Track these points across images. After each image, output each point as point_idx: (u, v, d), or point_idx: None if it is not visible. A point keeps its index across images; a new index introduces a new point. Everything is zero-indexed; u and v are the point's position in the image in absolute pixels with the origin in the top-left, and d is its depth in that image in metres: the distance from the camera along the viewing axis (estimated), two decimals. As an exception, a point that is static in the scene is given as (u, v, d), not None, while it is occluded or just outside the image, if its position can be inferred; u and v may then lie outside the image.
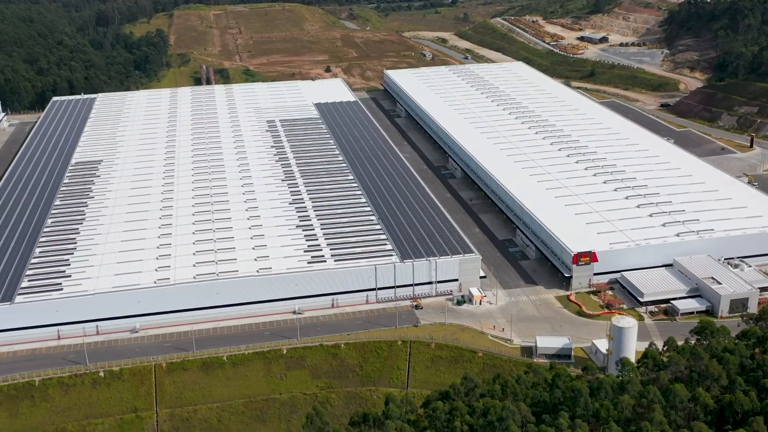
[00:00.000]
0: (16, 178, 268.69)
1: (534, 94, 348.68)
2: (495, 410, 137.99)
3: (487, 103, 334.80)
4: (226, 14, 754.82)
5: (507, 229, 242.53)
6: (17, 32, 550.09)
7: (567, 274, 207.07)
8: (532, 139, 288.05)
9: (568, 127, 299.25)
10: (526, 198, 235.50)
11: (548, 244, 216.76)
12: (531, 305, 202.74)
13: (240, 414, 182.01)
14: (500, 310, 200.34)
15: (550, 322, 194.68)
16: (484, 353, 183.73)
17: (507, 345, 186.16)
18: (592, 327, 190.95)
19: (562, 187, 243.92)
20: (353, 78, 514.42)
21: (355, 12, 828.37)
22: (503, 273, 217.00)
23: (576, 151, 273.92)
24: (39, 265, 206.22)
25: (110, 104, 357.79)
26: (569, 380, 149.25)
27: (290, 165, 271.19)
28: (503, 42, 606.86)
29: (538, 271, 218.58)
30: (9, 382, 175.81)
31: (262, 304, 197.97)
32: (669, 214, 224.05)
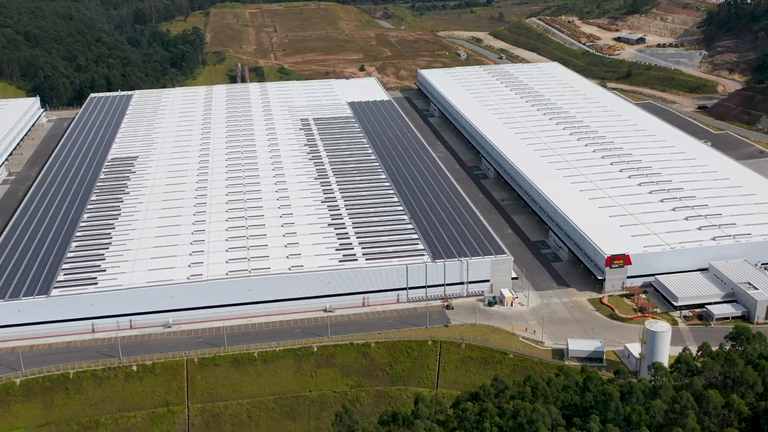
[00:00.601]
0: (53, 174, 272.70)
1: (569, 95, 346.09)
2: (525, 412, 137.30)
3: (522, 104, 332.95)
4: (261, 13, 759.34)
5: (540, 231, 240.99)
6: (57, 30, 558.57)
7: (600, 276, 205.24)
8: (567, 140, 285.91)
9: (603, 129, 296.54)
10: (559, 199, 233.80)
11: (581, 246, 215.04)
12: (563, 307, 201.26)
13: (270, 410, 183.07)
14: (532, 311, 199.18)
15: (582, 324, 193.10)
16: (514, 355, 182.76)
17: (538, 347, 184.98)
18: (624, 330, 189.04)
19: (596, 189, 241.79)
20: (387, 77, 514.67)
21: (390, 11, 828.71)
22: (535, 274, 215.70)
23: (611, 152, 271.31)
24: (75, 260, 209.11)
25: (146, 101, 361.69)
26: (601, 384, 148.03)
27: (323, 163, 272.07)
28: (538, 42, 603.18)
29: (571, 273, 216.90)
30: (44, 374, 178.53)
31: (293, 302, 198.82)
32: (705, 217, 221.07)
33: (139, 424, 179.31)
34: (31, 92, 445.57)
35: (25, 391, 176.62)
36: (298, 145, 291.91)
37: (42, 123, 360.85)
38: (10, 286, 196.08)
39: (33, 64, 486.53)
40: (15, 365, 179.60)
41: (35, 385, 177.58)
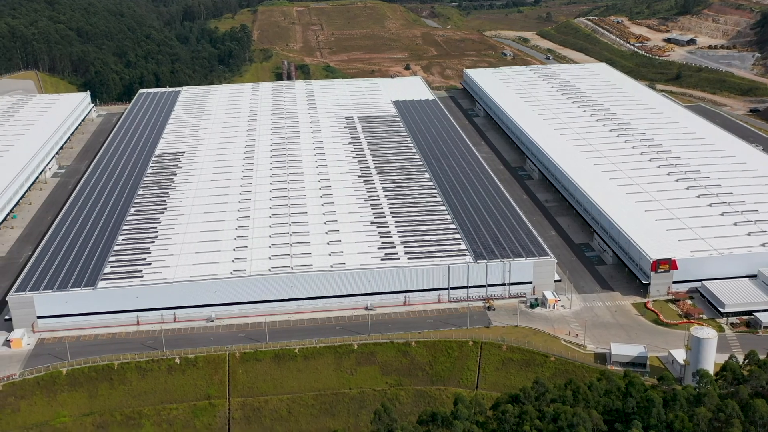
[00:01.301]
0: (102, 168, 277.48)
1: (616, 96, 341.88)
2: (566, 416, 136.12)
3: (568, 105, 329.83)
4: (308, 11, 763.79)
5: (584, 233, 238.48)
6: (108, 26, 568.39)
7: (645, 281, 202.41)
8: (613, 142, 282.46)
9: (651, 131, 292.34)
10: (604, 202, 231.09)
11: (626, 250, 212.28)
12: (606, 311, 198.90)
13: (310, 407, 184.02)
14: (574, 314, 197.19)
15: (625, 329, 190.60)
16: (556, 358, 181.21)
17: (580, 351, 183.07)
18: (669, 336, 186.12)
19: (643, 192, 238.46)
20: (432, 76, 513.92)
21: (436, 10, 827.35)
22: (579, 277, 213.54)
23: (658, 155, 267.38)
24: (121, 253, 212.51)
25: (194, 97, 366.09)
26: (643, 389, 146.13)
27: (367, 162, 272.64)
28: (586, 42, 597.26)
29: (615, 276, 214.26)
30: (90, 364, 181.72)
31: (334, 299, 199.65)
32: (755, 223, 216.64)
33: (180, 417, 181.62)
34: (82, 87, 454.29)
35: (71, 381, 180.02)
36: (343, 143, 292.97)
37: (92, 118, 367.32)
38: (58, 278, 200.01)
39: (84, 59, 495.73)
40: (62, 355, 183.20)
41: (81, 375, 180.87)
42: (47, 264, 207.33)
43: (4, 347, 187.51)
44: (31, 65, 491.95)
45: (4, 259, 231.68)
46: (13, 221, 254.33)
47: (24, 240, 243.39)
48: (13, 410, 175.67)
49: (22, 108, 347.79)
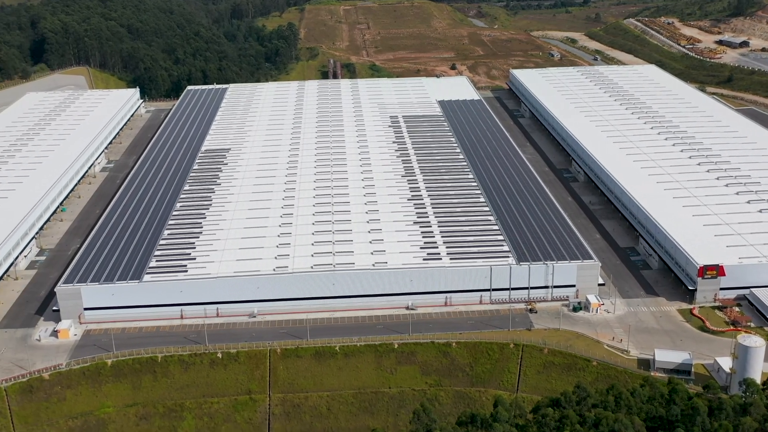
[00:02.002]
0: (149, 163, 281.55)
1: (665, 98, 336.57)
2: (607, 422, 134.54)
3: (616, 107, 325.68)
4: (355, 10, 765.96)
5: (629, 237, 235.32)
6: (158, 23, 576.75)
7: (691, 287, 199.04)
8: (662, 145, 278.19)
9: (701, 135, 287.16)
10: (651, 205, 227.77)
11: (672, 255, 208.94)
12: (651, 317, 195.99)
13: (349, 404, 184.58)
14: (618, 319, 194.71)
15: (670, 335, 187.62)
16: (598, 362, 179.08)
17: (623, 356, 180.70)
18: (715, 344, 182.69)
19: (691, 197, 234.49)
20: (478, 76, 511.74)
21: (483, 10, 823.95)
22: (623, 282, 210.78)
23: (707, 159, 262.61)
24: (167, 247, 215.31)
25: (240, 95, 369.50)
26: (687, 397, 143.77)
27: (411, 161, 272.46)
28: (635, 44, 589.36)
29: (661, 282, 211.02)
30: (134, 357, 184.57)
31: (376, 298, 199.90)
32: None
33: (221, 410, 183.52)
34: (131, 83, 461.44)
35: (116, 372, 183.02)
36: (387, 142, 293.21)
37: (140, 113, 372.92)
38: (105, 270, 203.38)
39: (134, 56, 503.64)
40: (107, 346, 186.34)
41: (125, 366, 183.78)
42: (95, 257, 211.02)
43: (51, 337, 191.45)
44: (83, 61, 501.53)
45: (54, 251, 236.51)
46: (62, 214, 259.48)
47: (73, 233, 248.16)
48: (59, 399, 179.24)
49: (74, 103, 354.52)
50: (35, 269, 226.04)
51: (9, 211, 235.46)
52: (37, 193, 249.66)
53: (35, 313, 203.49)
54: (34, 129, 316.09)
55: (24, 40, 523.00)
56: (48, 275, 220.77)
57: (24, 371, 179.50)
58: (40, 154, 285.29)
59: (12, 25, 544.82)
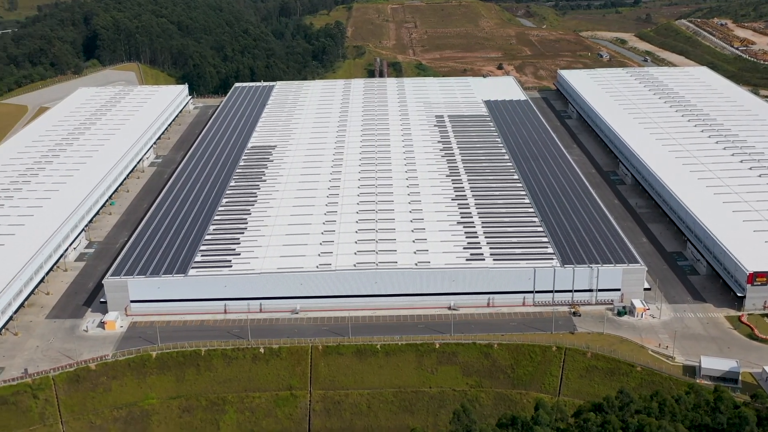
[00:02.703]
0: (196, 159, 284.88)
1: (717, 101, 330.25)
2: (651, 428, 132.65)
3: (665, 109, 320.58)
4: (403, 8, 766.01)
5: (677, 241, 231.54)
6: (207, 20, 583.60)
7: (740, 293, 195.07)
8: (712, 148, 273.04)
9: (753, 139, 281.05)
10: (700, 210, 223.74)
11: (721, 261, 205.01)
12: (697, 323, 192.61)
13: (389, 403, 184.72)
14: (663, 325, 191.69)
15: (717, 342, 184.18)
16: (642, 368, 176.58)
17: (668, 362, 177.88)
18: (764, 352, 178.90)
19: (741, 201, 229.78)
20: (525, 76, 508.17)
21: (532, 9, 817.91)
22: (669, 287, 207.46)
23: (759, 164, 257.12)
24: (212, 242, 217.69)
25: (287, 92, 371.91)
26: (734, 406, 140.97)
27: (455, 161, 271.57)
28: (687, 45, 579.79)
29: (708, 287, 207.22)
30: (178, 350, 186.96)
31: (418, 297, 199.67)
32: None
33: (263, 405, 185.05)
34: (180, 80, 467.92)
35: (160, 364, 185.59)
36: (432, 142, 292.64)
37: (189, 110, 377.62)
38: (151, 264, 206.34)
39: (183, 53, 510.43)
40: (152, 339, 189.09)
41: (169, 359, 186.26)
42: (141, 250, 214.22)
43: (98, 328, 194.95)
44: (134, 57, 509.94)
45: (102, 244, 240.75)
46: (111, 207, 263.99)
47: (121, 226, 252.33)
48: (105, 389, 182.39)
49: (124, 99, 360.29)
50: (84, 261, 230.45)
51: (60, 203, 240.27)
52: (87, 186, 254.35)
53: (83, 304, 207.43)
54: (86, 124, 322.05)
55: (77, 36, 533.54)
56: (96, 267, 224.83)
57: (71, 361, 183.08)
58: (91, 149, 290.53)
59: (66, 22, 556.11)
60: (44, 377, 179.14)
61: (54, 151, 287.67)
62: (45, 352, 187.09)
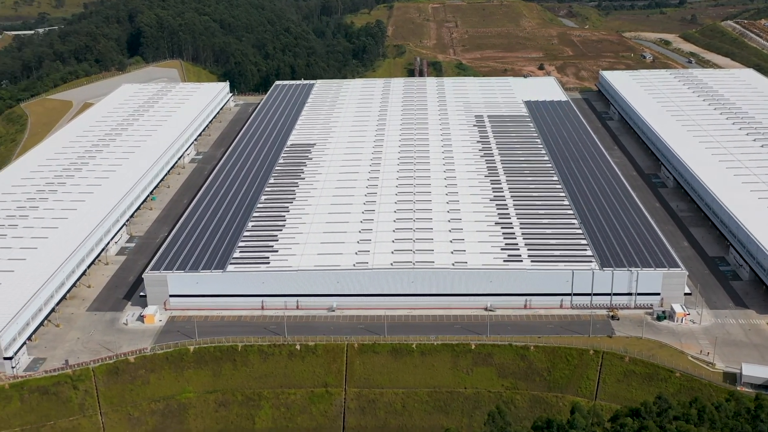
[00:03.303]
0: (236, 156, 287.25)
1: (763, 104, 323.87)
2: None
3: (709, 111, 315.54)
4: (444, 8, 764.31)
5: (719, 246, 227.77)
6: (249, 19, 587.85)
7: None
8: (757, 152, 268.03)
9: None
10: (743, 214, 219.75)
11: (765, 266, 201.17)
12: (739, 329, 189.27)
13: (424, 403, 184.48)
14: (704, 330, 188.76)
15: (759, 349, 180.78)
16: (681, 374, 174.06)
17: (708, 368, 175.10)
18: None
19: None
20: (567, 77, 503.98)
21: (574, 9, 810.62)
22: (711, 292, 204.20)
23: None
24: (250, 238, 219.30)
25: (327, 91, 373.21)
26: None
27: (494, 161, 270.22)
28: (733, 47, 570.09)
29: (751, 293, 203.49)
30: (215, 344, 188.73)
31: (454, 297, 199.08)
32: None
33: (298, 401, 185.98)
34: (222, 77, 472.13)
35: (197, 359, 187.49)
36: (471, 142, 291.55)
37: (230, 107, 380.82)
38: (190, 259, 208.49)
39: (225, 50, 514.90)
40: (190, 333, 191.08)
41: (206, 353, 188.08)
42: (181, 245, 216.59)
43: (138, 322, 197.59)
44: (176, 55, 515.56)
45: (143, 238, 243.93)
46: (152, 203, 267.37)
47: (161, 221, 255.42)
48: (143, 382, 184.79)
49: (166, 95, 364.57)
50: (125, 255, 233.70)
51: (102, 198, 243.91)
52: (129, 181, 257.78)
53: (123, 297, 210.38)
54: (128, 120, 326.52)
55: (122, 33, 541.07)
56: (136, 261, 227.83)
57: (111, 353, 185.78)
58: (133, 144, 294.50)
59: (111, 19, 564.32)
60: (84, 369, 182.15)
61: (97, 147, 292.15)
62: (85, 344, 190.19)
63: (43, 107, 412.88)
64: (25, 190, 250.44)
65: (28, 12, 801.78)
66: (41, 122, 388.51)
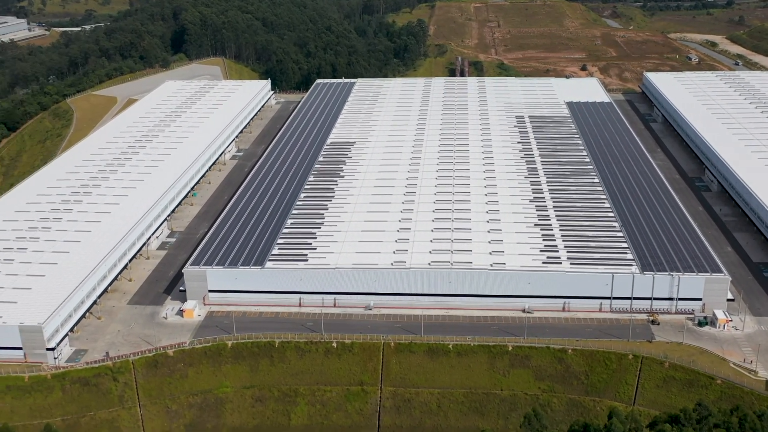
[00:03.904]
0: (277, 153, 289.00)
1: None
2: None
3: (756, 115, 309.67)
4: (486, 7, 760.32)
5: (764, 252, 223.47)
6: (291, 17, 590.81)
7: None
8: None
9: None
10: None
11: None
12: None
13: (459, 403, 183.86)
14: (746, 337, 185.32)
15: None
16: (723, 381, 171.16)
17: (751, 376, 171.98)
18: None
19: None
20: (609, 78, 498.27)
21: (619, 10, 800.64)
22: (754, 298, 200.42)
23: None
24: (289, 236, 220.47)
25: (368, 89, 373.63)
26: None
27: (535, 162, 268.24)
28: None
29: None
30: (253, 340, 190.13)
31: (492, 299, 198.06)
32: None
33: (333, 399, 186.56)
34: (263, 75, 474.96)
35: (235, 354, 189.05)
36: (511, 142, 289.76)
37: (271, 104, 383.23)
38: (230, 255, 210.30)
39: (267, 48, 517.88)
40: (228, 328, 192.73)
41: (244, 349, 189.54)
42: (221, 241, 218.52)
43: (177, 316, 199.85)
44: (219, 52, 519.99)
45: (183, 234, 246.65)
46: (193, 198, 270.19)
47: (201, 217, 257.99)
48: (181, 376, 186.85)
49: (209, 92, 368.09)
50: (165, 250, 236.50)
51: (144, 193, 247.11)
52: (171, 177, 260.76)
53: (163, 292, 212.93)
54: (171, 116, 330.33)
55: (166, 30, 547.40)
56: (177, 256, 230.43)
57: (150, 347, 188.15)
58: (176, 140, 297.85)
59: (156, 16, 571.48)
60: (124, 361, 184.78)
61: (140, 142, 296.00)
62: (126, 337, 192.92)
63: (89, 103, 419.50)
64: (69, 184, 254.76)
65: (75, 9, 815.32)
66: (86, 118, 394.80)
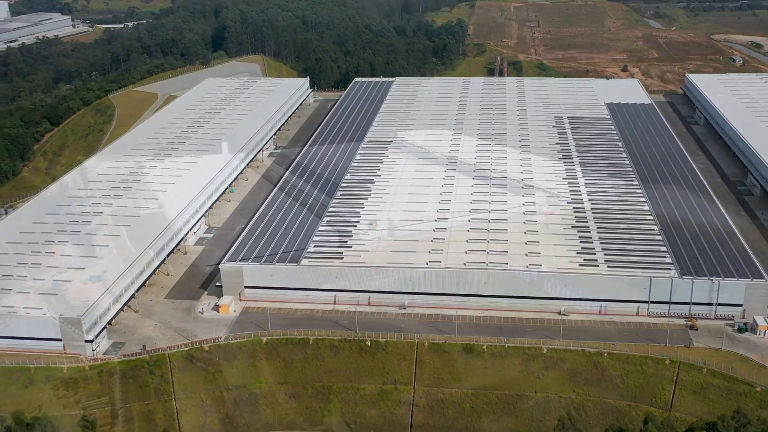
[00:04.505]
0: (314, 151, 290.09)
1: None
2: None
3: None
4: (526, 7, 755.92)
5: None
6: (331, 15, 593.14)
7: None
8: None
9: None
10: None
11: None
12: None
13: (493, 405, 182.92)
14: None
15: None
16: (762, 389, 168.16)
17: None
18: None
19: None
20: (651, 80, 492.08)
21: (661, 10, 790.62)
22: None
23: None
24: (325, 233, 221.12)
25: (406, 88, 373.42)
26: None
27: (573, 163, 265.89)
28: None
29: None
30: (288, 337, 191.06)
31: (527, 300, 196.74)
32: None
33: (367, 397, 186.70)
34: (302, 73, 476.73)
35: (270, 350, 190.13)
36: (549, 143, 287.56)
37: (309, 102, 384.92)
38: (266, 252, 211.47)
39: (306, 46, 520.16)
40: (263, 325, 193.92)
41: (279, 345, 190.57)
42: (257, 238, 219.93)
43: (213, 311, 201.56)
44: (259, 50, 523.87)
45: (220, 230, 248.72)
46: (230, 195, 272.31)
47: (239, 213, 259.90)
48: (216, 370, 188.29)
49: (248, 89, 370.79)
50: (203, 245, 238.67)
51: (183, 189, 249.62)
52: (209, 173, 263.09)
53: (200, 287, 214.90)
54: (210, 113, 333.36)
55: (207, 28, 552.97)
56: (214, 252, 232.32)
57: (186, 341, 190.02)
58: (215, 137, 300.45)
59: (197, 14, 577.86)
60: (161, 354, 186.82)
61: (180, 138, 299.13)
62: (162, 331, 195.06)
63: (130, 99, 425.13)
64: (110, 179, 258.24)
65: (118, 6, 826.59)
66: (128, 113, 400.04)
